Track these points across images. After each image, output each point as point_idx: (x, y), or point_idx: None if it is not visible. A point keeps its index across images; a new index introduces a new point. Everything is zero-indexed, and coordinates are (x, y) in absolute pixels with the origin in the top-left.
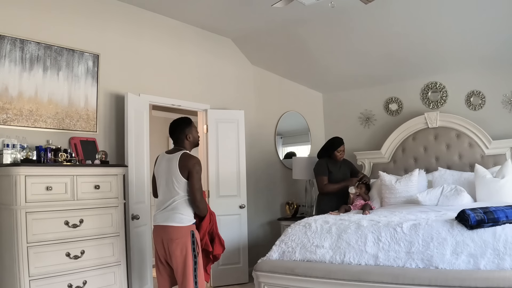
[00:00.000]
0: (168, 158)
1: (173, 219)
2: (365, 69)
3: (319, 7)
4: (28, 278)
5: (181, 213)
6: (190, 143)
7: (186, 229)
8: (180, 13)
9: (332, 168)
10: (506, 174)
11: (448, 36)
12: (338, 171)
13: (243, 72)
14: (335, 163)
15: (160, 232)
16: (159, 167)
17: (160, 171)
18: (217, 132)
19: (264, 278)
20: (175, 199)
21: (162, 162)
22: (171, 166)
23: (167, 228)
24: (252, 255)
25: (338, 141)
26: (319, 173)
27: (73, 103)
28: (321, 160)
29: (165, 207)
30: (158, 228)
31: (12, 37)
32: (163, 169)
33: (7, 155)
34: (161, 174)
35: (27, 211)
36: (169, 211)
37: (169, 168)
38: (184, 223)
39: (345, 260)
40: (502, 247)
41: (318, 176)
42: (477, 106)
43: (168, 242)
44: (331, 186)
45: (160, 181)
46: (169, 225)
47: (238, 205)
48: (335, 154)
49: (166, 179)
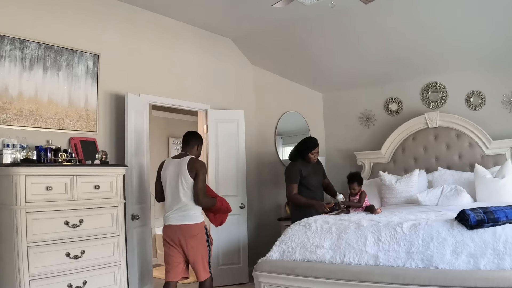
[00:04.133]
0: (176, 163)
1: (189, 218)
2: (365, 69)
3: (319, 7)
4: (28, 278)
5: (193, 212)
6: (197, 153)
7: (201, 225)
8: (180, 13)
9: (306, 172)
10: (506, 174)
11: (448, 36)
12: (313, 176)
13: (243, 72)
14: (308, 166)
15: (177, 230)
16: (166, 171)
17: (169, 174)
18: (217, 132)
19: (264, 278)
20: (185, 200)
21: (170, 166)
22: (180, 168)
23: (184, 226)
24: (252, 255)
25: (313, 142)
26: (290, 180)
27: (73, 103)
28: (294, 164)
29: (177, 207)
30: (173, 227)
31: (12, 37)
32: (171, 172)
33: (7, 155)
34: (169, 177)
35: (27, 211)
36: (183, 211)
37: (179, 171)
38: (198, 220)
39: (345, 260)
40: (502, 247)
41: (288, 183)
42: (477, 106)
43: (187, 239)
44: (298, 199)
45: (169, 184)
46: (186, 224)
47: (238, 205)
48: (309, 157)
49: (175, 181)
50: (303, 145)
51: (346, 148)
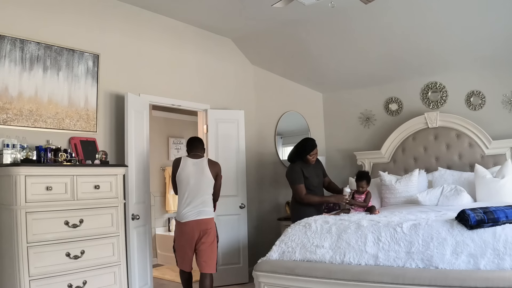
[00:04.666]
0: (194, 163)
1: (206, 213)
2: (365, 69)
3: (319, 7)
4: (28, 278)
5: (209, 208)
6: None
7: (213, 219)
8: (180, 13)
9: (307, 173)
10: (506, 174)
11: (448, 36)
12: (314, 176)
13: (243, 72)
14: (308, 166)
15: (194, 225)
16: (186, 169)
17: (189, 172)
18: (217, 132)
19: (264, 278)
20: (204, 197)
21: (189, 165)
22: (202, 168)
23: (202, 221)
24: (252, 255)
25: (311, 144)
26: (296, 181)
27: (73, 103)
28: (294, 166)
29: (196, 204)
30: (192, 223)
31: (12, 37)
32: (191, 171)
33: (7, 155)
34: (190, 175)
35: (27, 211)
36: (202, 208)
37: (200, 171)
38: (212, 215)
39: (345, 260)
40: (502, 247)
41: (295, 185)
42: (477, 106)
43: (203, 232)
44: (312, 198)
45: (189, 182)
46: (204, 218)
47: (238, 205)
48: (307, 158)
49: (195, 179)
50: (301, 147)
51: (346, 148)
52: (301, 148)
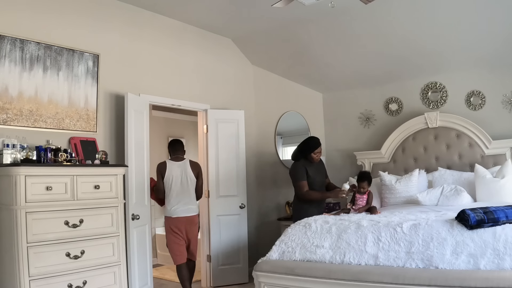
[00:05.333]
0: (179, 165)
1: (193, 210)
2: (365, 69)
3: (319, 7)
4: (28, 278)
5: (195, 205)
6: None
7: (198, 216)
8: (180, 13)
9: (310, 171)
10: (506, 174)
11: (448, 36)
12: (317, 175)
13: (243, 72)
14: (312, 165)
15: (184, 221)
16: (171, 171)
17: (175, 174)
18: (217, 132)
19: (264, 278)
20: (190, 195)
21: (174, 168)
22: (185, 169)
23: (191, 217)
24: (252, 255)
25: (315, 142)
26: (299, 179)
27: (73, 103)
28: (298, 164)
29: (185, 202)
30: (182, 218)
31: (12, 37)
32: (176, 173)
33: (7, 155)
34: (175, 176)
35: (27, 211)
36: (190, 205)
37: (184, 172)
38: (197, 211)
39: (345, 260)
40: (502, 247)
41: (297, 182)
42: (477, 106)
43: (191, 226)
44: (314, 194)
45: (175, 182)
46: (192, 215)
47: (238, 205)
48: (311, 156)
49: (181, 180)
50: (305, 145)
51: (346, 148)
52: (306, 146)
